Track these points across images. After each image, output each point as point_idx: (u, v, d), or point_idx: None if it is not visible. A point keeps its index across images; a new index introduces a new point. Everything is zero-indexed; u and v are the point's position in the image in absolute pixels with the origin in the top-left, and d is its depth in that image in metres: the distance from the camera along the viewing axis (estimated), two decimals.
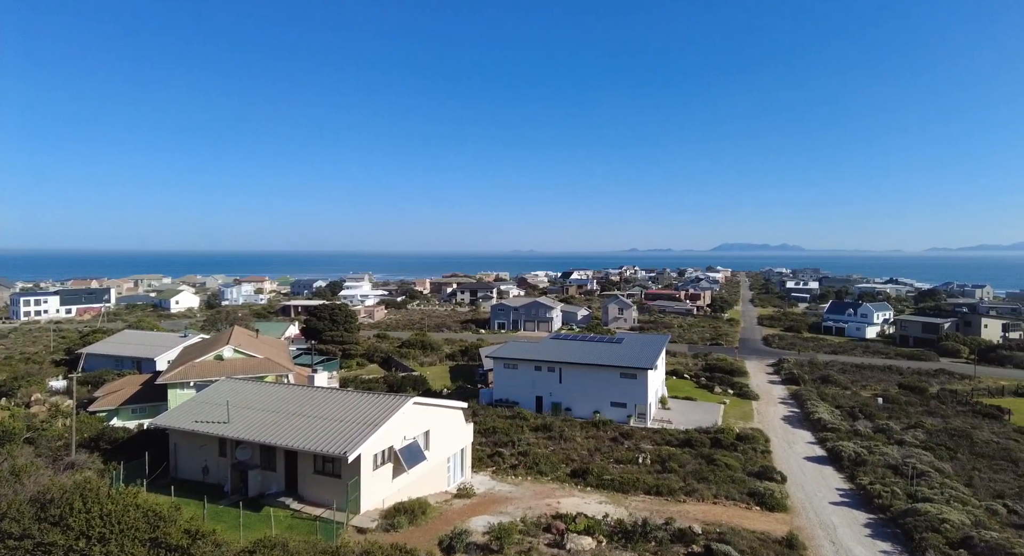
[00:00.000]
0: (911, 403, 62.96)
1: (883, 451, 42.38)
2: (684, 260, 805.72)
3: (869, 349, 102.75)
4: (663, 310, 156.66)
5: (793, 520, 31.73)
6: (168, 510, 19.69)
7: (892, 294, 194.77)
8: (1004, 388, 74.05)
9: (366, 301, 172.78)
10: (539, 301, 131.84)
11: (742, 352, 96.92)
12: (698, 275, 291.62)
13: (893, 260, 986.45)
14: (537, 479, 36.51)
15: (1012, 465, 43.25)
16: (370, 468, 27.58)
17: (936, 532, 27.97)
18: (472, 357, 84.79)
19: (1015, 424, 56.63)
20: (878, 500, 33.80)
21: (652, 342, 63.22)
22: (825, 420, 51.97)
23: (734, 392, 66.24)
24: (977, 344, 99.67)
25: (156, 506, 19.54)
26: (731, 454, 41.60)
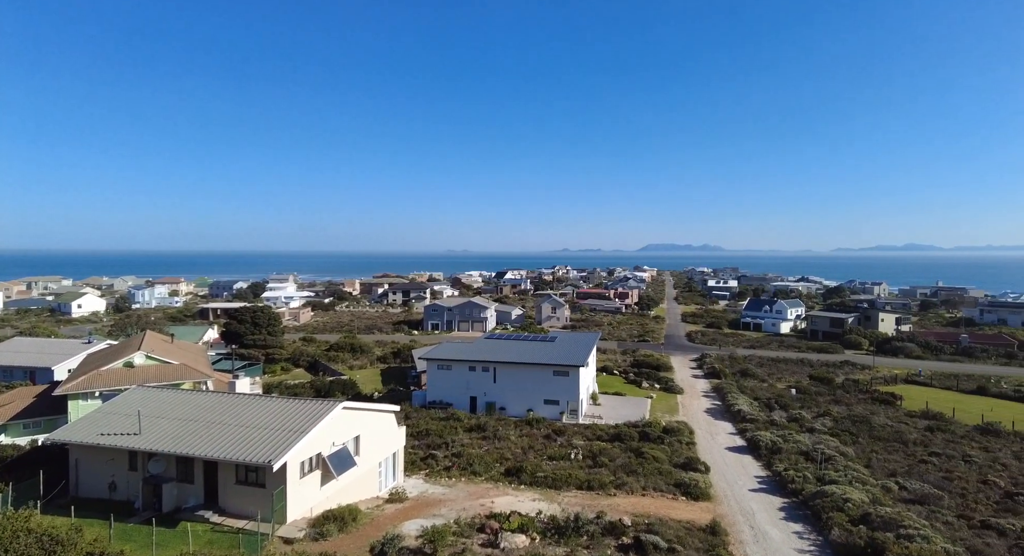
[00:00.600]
0: (820, 393, 67.72)
1: (796, 439, 45.23)
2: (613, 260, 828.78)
3: (784, 343, 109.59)
4: (594, 309, 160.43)
5: (716, 508, 33.26)
6: (67, 533, 18.05)
7: (803, 291, 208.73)
8: (897, 376, 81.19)
9: (291, 303, 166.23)
10: (473, 301, 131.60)
11: (668, 348, 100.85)
12: (626, 274, 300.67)
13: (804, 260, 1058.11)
14: (471, 480, 36.37)
15: (903, 446, 47.44)
16: (297, 476, 26.49)
17: (840, 511, 30.17)
18: (404, 359, 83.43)
19: (906, 409, 62.20)
20: (791, 485, 36.05)
21: (583, 340, 64.53)
22: (744, 411, 54.88)
23: (660, 387, 68.77)
24: (875, 337, 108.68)
25: (52, 530, 17.87)
26: (658, 447, 43.10)
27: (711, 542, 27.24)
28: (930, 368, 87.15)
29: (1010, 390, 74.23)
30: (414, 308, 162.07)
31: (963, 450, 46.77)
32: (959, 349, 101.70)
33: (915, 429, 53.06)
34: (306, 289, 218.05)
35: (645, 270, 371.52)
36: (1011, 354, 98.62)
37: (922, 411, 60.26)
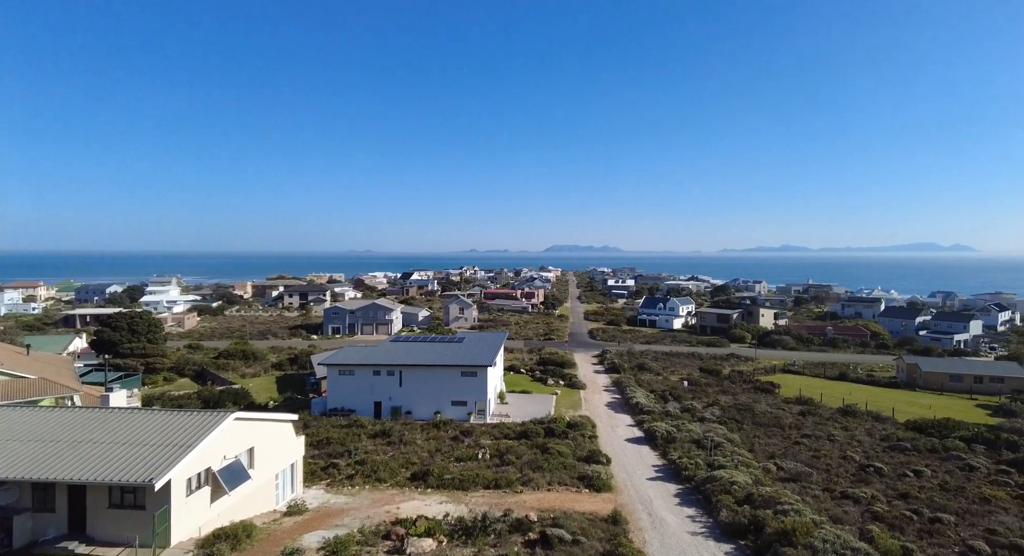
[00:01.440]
0: (709, 384, 72.81)
1: (689, 428, 48.23)
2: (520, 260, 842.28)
3: (676, 338, 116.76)
4: (501, 309, 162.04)
5: (617, 498, 34.66)
6: None
7: (694, 290, 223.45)
8: (775, 366, 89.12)
9: (174, 308, 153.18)
10: (377, 303, 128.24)
11: (572, 345, 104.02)
12: (532, 275, 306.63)
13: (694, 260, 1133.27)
14: (376, 487, 35.35)
15: (780, 430, 52.14)
16: (183, 494, 24.34)
17: (728, 493, 32.54)
18: (302, 365, 79.59)
19: (783, 396, 68.45)
20: (685, 472, 38.37)
21: (491, 340, 64.91)
22: (642, 404, 57.74)
23: (565, 383, 70.75)
24: (757, 331, 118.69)
25: None
26: (563, 442, 44.24)
27: (612, 531, 28.32)
28: (802, 358, 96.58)
29: (864, 375, 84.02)
30: (313, 311, 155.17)
31: (828, 431, 52.22)
32: (825, 340, 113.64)
33: (790, 414, 58.49)
34: (192, 292, 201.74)
35: (550, 270, 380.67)
36: (865, 343, 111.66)
37: (796, 397, 66.59)
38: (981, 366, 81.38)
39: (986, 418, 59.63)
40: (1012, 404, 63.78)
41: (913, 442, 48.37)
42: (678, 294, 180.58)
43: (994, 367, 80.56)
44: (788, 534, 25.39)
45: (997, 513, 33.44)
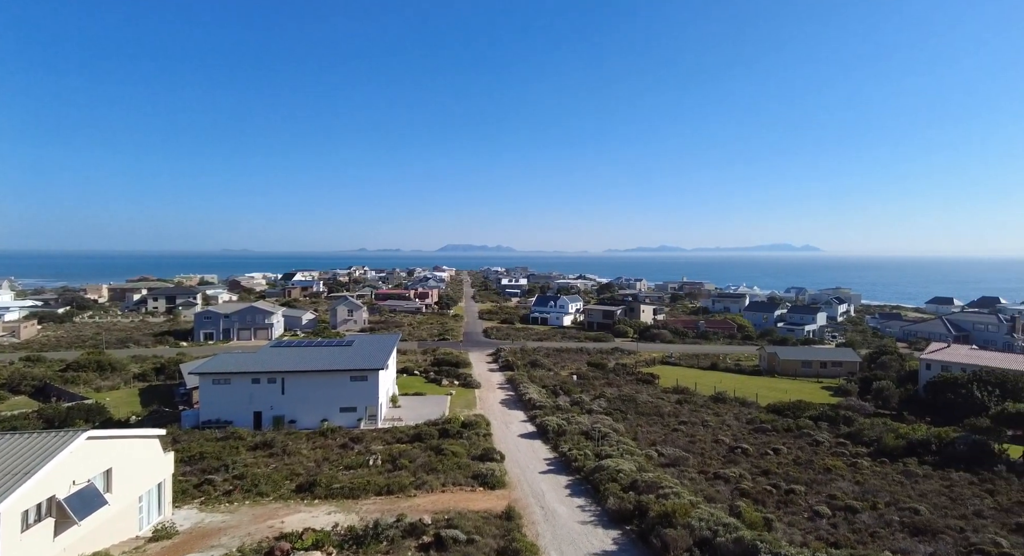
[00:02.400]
0: (596, 377, 76.13)
1: (578, 420, 50.06)
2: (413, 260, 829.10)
3: (566, 335, 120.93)
4: (394, 309, 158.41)
5: (511, 494, 35.11)
6: None
7: (581, 288, 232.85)
8: (655, 359, 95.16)
9: (6, 315, 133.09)
10: (256, 306, 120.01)
11: (466, 345, 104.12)
12: (426, 274, 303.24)
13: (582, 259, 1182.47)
14: (257, 501, 32.97)
15: (660, 418, 55.76)
16: (16, 531, 21.06)
17: (614, 482, 34.16)
18: (170, 375, 72.55)
19: (662, 386, 73.24)
20: (575, 463, 39.74)
21: (383, 342, 63.14)
22: (534, 399, 59.07)
23: (459, 383, 70.62)
24: (638, 326, 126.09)
25: None
26: (458, 442, 44.06)
27: (507, 527, 28.63)
28: (679, 350, 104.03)
29: (732, 364, 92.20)
30: (182, 316, 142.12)
31: (702, 417, 56.70)
32: (698, 333, 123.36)
33: (669, 403, 62.73)
34: (30, 297, 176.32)
35: (444, 270, 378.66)
36: (732, 335, 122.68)
37: (674, 387, 71.55)
38: (825, 353, 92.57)
39: (829, 398, 67.79)
40: (848, 385, 73.10)
41: (773, 423, 53.90)
42: (568, 292, 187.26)
43: (834, 353, 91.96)
44: (669, 516, 27.10)
45: (836, 480, 38.18)
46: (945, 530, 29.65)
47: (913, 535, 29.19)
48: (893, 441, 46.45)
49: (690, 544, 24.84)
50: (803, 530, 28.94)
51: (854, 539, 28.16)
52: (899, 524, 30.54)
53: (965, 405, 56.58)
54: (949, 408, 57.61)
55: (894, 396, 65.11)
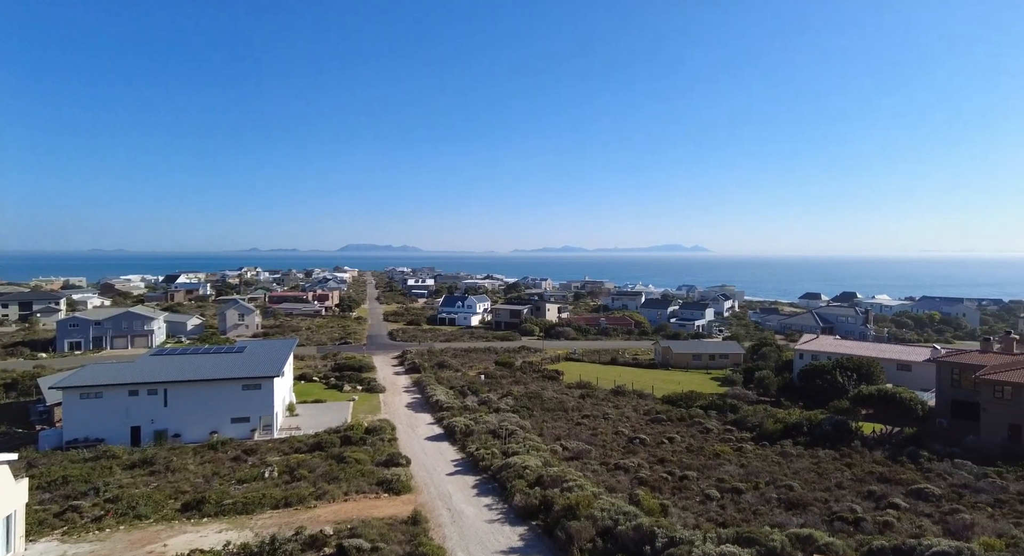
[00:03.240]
0: (504, 376, 76.77)
1: (485, 420, 50.17)
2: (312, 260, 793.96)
3: (475, 334, 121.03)
4: (290, 313, 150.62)
5: (417, 498, 34.46)
6: None
7: (489, 288, 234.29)
8: (560, 355, 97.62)
9: None
10: (133, 312, 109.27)
11: (370, 348, 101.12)
12: (326, 275, 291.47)
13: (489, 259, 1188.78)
14: (134, 526, 29.90)
15: (565, 413, 57.24)
16: None
17: (521, 478, 34.55)
18: (25, 391, 64.21)
19: (566, 382, 75.25)
20: (482, 462, 39.75)
21: (278, 347, 59.74)
22: (442, 401, 58.48)
23: (363, 388, 68.39)
24: (544, 324, 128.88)
25: None
26: (361, 449, 42.62)
27: (413, 532, 28.05)
28: (582, 347, 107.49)
29: (631, 359, 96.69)
30: (40, 324, 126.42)
31: (603, 410, 58.90)
32: (600, 330, 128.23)
33: (573, 398, 64.56)
34: None
35: (346, 271, 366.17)
36: (630, 331, 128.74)
37: (577, 382, 73.74)
38: (713, 346, 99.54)
39: (717, 388, 72.94)
40: (733, 375, 79.12)
41: (668, 414, 57.09)
42: (475, 292, 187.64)
43: (721, 346, 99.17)
44: (573, 509, 27.81)
45: (724, 464, 41.12)
46: (813, 502, 32.85)
47: (788, 509, 32.06)
48: (772, 425, 50.84)
49: (593, 534, 25.63)
50: (696, 513, 30.84)
51: (739, 518, 30.41)
52: (777, 501, 33.42)
53: (830, 389, 63.10)
54: (818, 393, 63.98)
55: (773, 384, 71.30)
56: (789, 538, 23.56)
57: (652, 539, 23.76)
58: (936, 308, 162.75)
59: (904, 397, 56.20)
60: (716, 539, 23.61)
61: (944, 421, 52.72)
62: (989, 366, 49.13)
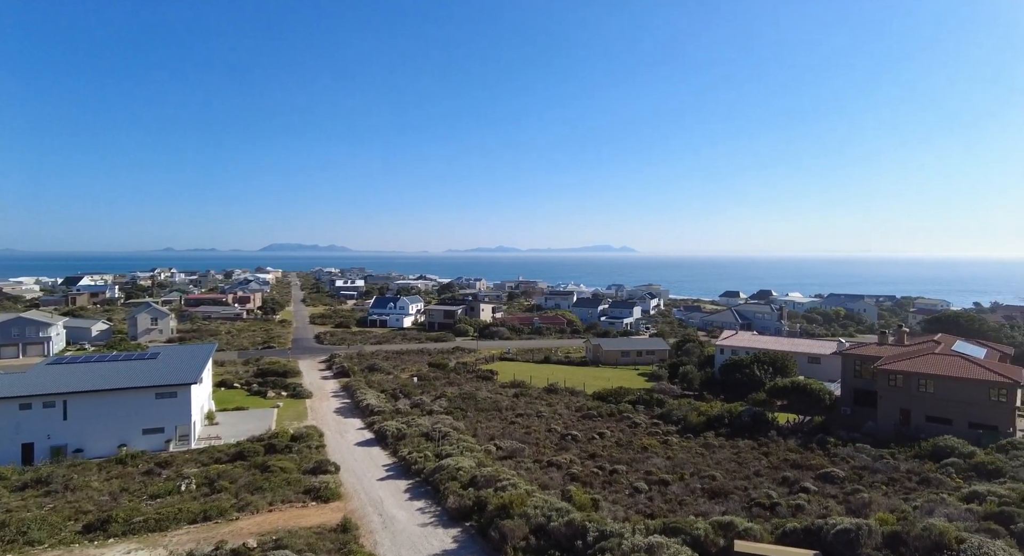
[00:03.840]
0: (437, 378, 75.99)
1: (418, 423, 49.44)
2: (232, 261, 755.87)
3: (407, 336, 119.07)
4: (209, 316, 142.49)
5: (347, 505, 33.45)
6: None
7: (422, 288, 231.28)
8: (494, 355, 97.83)
9: None
10: (25, 317, 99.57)
11: (295, 352, 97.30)
12: (247, 277, 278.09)
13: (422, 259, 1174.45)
14: (25, 553, 27.22)
15: (499, 413, 57.37)
16: None
17: (454, 480, 34.29)
18: None
19: (500, 382, 75.51)
20: (415, 466, 39.14)
21: (195, 353, 56.27)
22: (372, 405, 57.11)
23: (288, 394, 65.71)
24: (479, 324, 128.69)
25: None
26: (286, 456, 40.92)
27: (342, 540, 27.20)
28: (516, 346, 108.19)
29: (563, 357, 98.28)
30: None
31: (537, 408, 59.50)
32: (533, 329, 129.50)
33: (507, 397, 64.81)
34: None
35: (269, 271, 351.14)
36: (563, 330, 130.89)
37: (511, 382, 74.13)
38: (640, 343, 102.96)
39: (645, 383, 75.47)
40: (659, 371, 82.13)
41: (598, 409, 58.42)
42: (408, 293, 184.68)
43: (648, 343, 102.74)
44: (507, 508, 27.87)
45: (652, 457, 42.56)
46: (734, 490, 34.60)
47: (711, 498, 33.59)
48: (696, 418, 53.15)
49: (527, 532, 25.79)
50: (625, 506, 31.69)
51: (666, 508, 31.55)
52: (701, 490, 34.94)
53: (749, 383, 66.78)
54: (737, 386, 67.53)
55: (696, 378, 74.59)
56: (712, 526, 24.64)
57: (584, 533, 24.19)
58: (841, 304, 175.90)
59: (814, 388, 60.33)
60: (644, 530, 24.35)
61: (848, 409, 57.02)
62: (884, 357, 53.63)
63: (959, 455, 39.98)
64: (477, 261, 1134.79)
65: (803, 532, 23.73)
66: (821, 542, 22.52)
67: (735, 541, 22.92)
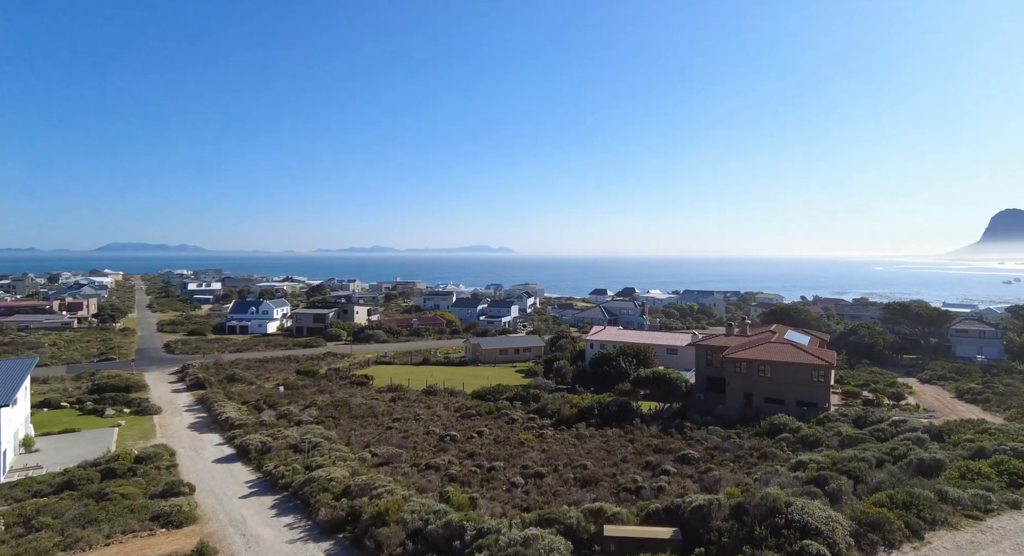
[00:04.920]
0: (307, 386, 71.88)
1: (285, 434, 46.33)
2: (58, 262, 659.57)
3: (271, 343, 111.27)
4: (27, 327, 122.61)
5: (204, 528, 30.43)
6: None
7: (289, 291, 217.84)
8: (370, 359, 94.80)
9: None
10: None
11: (141, 364, 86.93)
12: (79, 280, 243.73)
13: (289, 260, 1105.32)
14: None
15: (375, 419, 55.61)
16: None
17: (326, 491, 32.55)
18: None
19: (376, 386, 73.27)
20: (282, 480, 36.58)
21: (7, 370, 47.94)
22: (233, 418, 52.57)
23: (132, 410, 58.49)
24: (352, 328, 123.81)
25: None
26: (130, 481, 36.28)
27: None
28: (393, 349, 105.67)
29: (442, 358, 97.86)
30: None
31: (415, 411, 58.52)
32: (412, 331, 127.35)
33: (383, 402, 62.99)
34: None
35: (107, 274, 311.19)
36: (442, 330, 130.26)
37: (388, 386, 72.19)
38: (518, 340, 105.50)
39: (522, 380, 77.31)
40: (536, 367, 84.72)
41: (477, 408, 58.81)
42: (272, 296, 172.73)
43: (525, 340, 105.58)
44: (383, 515, 26.98)
45: (528, 452, 43.68)
46: (603, 478, 36.56)
47: (583, 487, 35.17)
48: (568, 411, 55.49)
49: (403, 538, 25.17)
50: (502, 502, 32.13)
51: (542, 501, 32.46)
52: (574, 480, 36.45)
53: (616, 374, 71.08)
54: (606, 378, 71.58)
55: (569, 373, 77.92)
56: (584, 513, 25.75)
57: (462, 533, 24.11)
58: (695, 300, 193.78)
59: (672, 377, 65.66)
60: (521, 524, 24.82)
61: (701, 395, 62.81)
62: (731, 347, 59.84)
63: (789, 430, 45.71)
64: (351, 261, 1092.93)
65: (664, 511, 25.61)
66: (680, 519, 24.45)
67: (605, 526, 24.15)
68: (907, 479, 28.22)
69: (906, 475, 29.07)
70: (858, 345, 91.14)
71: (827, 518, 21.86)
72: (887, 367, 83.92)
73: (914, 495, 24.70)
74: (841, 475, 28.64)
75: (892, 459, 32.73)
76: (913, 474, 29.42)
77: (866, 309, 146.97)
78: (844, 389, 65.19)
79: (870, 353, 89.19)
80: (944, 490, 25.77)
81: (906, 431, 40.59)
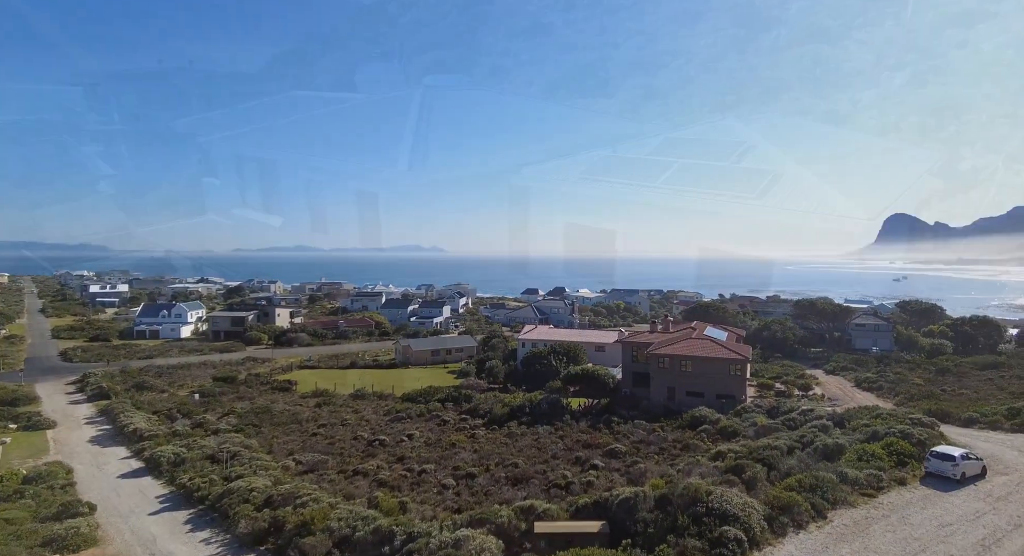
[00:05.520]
0: (224, 392, 68.01)
1: (202, 444, 43.65)
2: None
3: (185, 348, 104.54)
4: None
5: (106, 550, 28.19)
6: None
7: (204, 292, 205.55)
8: (293, 364, 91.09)
9: None
10: None
11: (32, 374, 79.14)
12: None
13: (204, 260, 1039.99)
14: None
15: (299, 425, 53.47)
16: None
17: (247, 502, 30.97)
18: None
19: (300, 392, 70.45)
20: (198, 493, 34.46)
21: None
22: (142, 429, 48.94)
23: (19, 426, 53.09)
24: (274, 331, 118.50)
25: None
26: (16, 505, 32.93)
27: None
28: (318, 352, 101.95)
29: (371, 361, 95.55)
30: None
31: (342, 416, 56.74)
32: (338, 333, 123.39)
33: (308, 408, 60.67)
34: None
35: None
36: (371, 332, 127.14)
37: (313, 391, 69.55)
38: (450, 341, 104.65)
39: (454, 381, 76.74)
40: (468, 367, 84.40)
41: (408, 411, 57.83)
42: (186, 298, 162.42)
43: (457, 341, 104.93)
44: (307, 524, 25.99)
45: (460, 452, 43.43)
46: (535, 475, 36.91)
47: (514, 485, 35.34)
48: (500, 410, 55.63)
49: (330, 547, 24.37)
50: (433, 504, 31.74)
51: (473, 501, 32.35)
52: (505, 479, 36.56)
53: (547, 372, 72.02)
54: (537, 376, 72.35)
55: (501, 372, 78.17)
56: (515, 512, 25.88)
57: (391, 539, 23.63)
58: (621, 298, 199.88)
59: (600, 374, 67.31)
60: (452, 526, 24.61)
61: (628, 390, 64.77)
62: (654, 343, 62.11)
63: (709, 422, 48.00)
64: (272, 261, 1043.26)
65: (593, 505, 26.18)
66: (608, 512, 25.08)
67: (535, 523, 24.38)
68: (814, 464, 30.36)
69: (813, 460, 31.27)
70: (771, 340, 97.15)
71: (744, 504, 23.10)
72: (797, 360, 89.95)
73: (819, 478, 26.62)
74: (756, 463, 30.40)
75: (801, 446, 35.13)
76: (819, 459, 31.69)
77: (779, 306, 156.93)
78: (759, 381, 69.25)
79: (782, 347, 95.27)
80: (844, 472, 27.94)
81: (813, 419, 43.65)
